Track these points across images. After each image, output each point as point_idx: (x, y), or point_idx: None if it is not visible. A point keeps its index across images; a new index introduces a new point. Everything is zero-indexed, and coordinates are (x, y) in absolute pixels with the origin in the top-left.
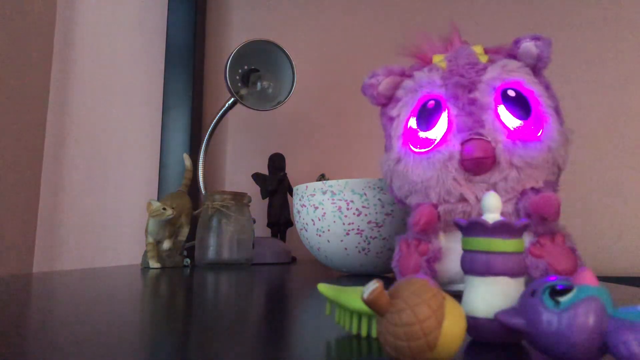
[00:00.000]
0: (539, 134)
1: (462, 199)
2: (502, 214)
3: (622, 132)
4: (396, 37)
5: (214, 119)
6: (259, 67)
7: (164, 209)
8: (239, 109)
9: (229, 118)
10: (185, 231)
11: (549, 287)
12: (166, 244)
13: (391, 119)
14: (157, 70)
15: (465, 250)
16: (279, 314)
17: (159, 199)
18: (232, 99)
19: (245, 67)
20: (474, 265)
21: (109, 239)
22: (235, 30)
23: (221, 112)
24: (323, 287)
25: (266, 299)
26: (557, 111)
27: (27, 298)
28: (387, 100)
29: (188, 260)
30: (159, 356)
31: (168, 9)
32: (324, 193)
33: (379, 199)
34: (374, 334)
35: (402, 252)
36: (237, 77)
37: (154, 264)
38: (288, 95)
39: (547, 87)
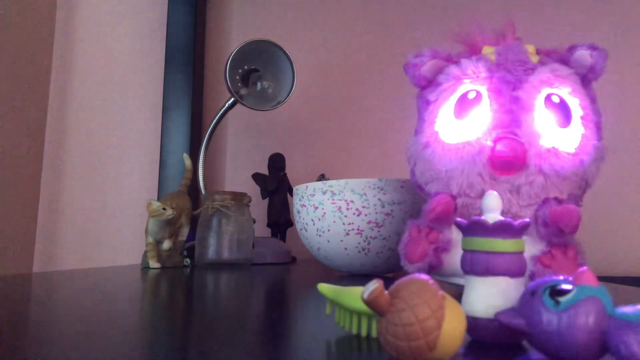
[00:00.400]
0: (575, 145)
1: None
2: (520, 218)
3: (622, 132)
4: (397, 36)
5: (214, 119)
6: (259, 67)
7: (164, 209)
8: (239, 109)
9: (229, 118)
10: (185, 231)
11: (549, 287)
12: (166, 244)
13: (428, 103)
14: (157, 70)
15: (465, 250)
16: (279, 314)
17: (159, 199)
18: (232, 99)
19: (245, 67)
20: (474, 266)
21: (109, 239)
22: (235, 30)
23: (221, 112)
24: (323, 287)
25: (266, 299)
26: (597, 126)
27: (27, 298)
28: (427, 83)
29: (188, 260)
30: (159, 356)
31: (168, 9)
32: (324, 193)
33: (379, 199)
34: (374, 334)
35: (411, 237)
36: (237, 77)
37: (154, 264)
38: (288, 95)
39: (592, 100)
